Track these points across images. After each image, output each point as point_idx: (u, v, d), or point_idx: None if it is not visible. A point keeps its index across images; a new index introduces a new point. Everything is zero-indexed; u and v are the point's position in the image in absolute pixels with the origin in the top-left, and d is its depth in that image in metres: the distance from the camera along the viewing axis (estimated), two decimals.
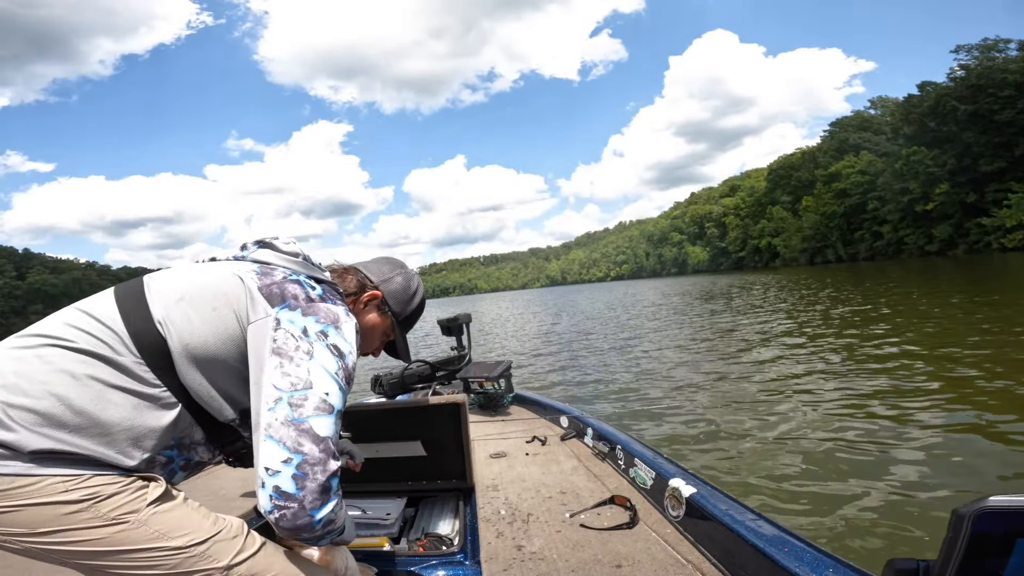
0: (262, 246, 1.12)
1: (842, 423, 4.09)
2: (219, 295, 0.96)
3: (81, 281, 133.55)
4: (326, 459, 0.88)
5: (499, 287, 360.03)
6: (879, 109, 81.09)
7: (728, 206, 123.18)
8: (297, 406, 0.88)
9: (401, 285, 1.26)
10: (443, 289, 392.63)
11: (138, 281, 1.00)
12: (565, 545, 1.40)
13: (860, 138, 74.42)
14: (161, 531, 0.85)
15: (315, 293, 1.03)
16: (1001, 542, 0.57)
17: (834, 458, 3.42)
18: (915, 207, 54.77)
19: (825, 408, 4.53)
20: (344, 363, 0.96)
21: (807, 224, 77.01)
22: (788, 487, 3.09)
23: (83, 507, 0.81)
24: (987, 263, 28.35)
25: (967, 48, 50.49)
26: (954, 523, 0.59)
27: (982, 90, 46.44)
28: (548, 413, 2.71)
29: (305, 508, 0.86)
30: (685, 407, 5.12)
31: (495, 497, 1.76)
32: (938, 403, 4.28)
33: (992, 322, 7.81)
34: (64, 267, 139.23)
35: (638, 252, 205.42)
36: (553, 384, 7.28)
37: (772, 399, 5.03)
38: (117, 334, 0.90)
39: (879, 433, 3.79)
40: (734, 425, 4.37)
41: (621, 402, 5.71)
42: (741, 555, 1.16)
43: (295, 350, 0.92)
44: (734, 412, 4.75)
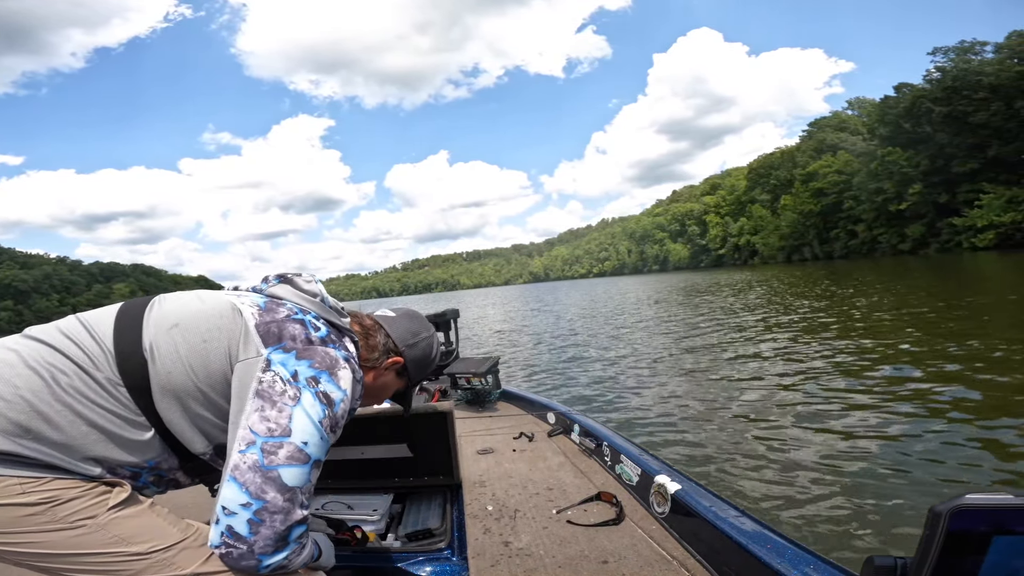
0: (283, 281, 1.09)
1: (824, 421, 4.16)
2: (213, 328, 0.94)
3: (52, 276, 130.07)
4: (290, 508, 0.86)
5: (482, 283, 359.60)
6: (856, 110, 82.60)
7: (709, 204, 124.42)
8: (269, 453, 0.86)
9: (423, 352, 1.22)
10: (425, 285, 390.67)
11: (145, 300, 0.99)
12: (552, 541, 1.41)
13: (838, 138, 75.70)
14: (121, 536, 0.84)
15: (317, 335, 0.99)
16: (978, 540, 0.58)
17: (816, 456, 3.47)
18: (889, 207, 55.85)
19: (807, 406, 4.60)
20: (332, 412, 0.93)
21: (785, 223, 78.23)
22: (771, 484, 3.14)
23: (39, 510, 0.80)
24: (957, 262, 29.07)
25: (944, 50, 51.25)
26: (931, 521, 0.59)
27: (957, 92, 47.19)
28: (535, 409, 2.73)
29: (254, 552, 0.84)
30: (671, 404, 5.18)
31: (482, 493, 1.77)
32: (918, 402, 4.36)
33: (973, 320, 8.01)
34: (34, 262, 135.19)
35: (620, 249, 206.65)
36: (540, 380, 7.30)
37: (756, 397, 5.10)
38: (104, 351, 0.89)
39: (859, 431, 3.85)
40: (718, 422, 4.43)
41: (608, 399, 5.75)
42: (725, 551, 1.19)
43: (280, 395, 0.89)
44: (718, 409, 4.82)
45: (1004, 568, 0.58)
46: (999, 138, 44.50)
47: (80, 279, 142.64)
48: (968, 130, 46.49)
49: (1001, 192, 43.12)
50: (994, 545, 0.57)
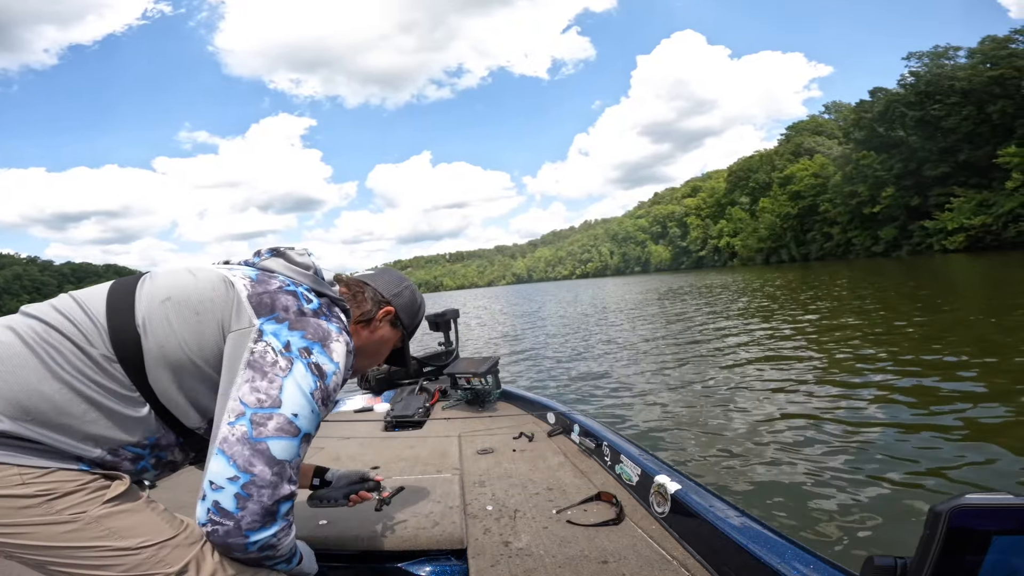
0: (275, 254, 1.09)
1: (824, 421, 4.15)
2: (205, 300, 0.93)
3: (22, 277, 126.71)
4: (278, 483, 0.85)
5: (465, 284, 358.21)
6: (833, 114, 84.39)
7: (690, 206, 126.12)
8: (259, 424, 0.85)
9: (409, 299, 1.27)
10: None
11: (136, 277, 0.98)
12: (552, 541, 1.41)
13: (814, 142, 77.37)
14: (112, 530, 0.82)
15: (309, 307, 0.99)
16: (978, 540, 0.58)
17: (815, 456, 3.48)
18: (863, 210, 57.06)
19: (807, 406, 4.60)
20: (324, 384, 0.93)
21: (763, 225, 79.63)
22: (771, 484, 3.14)
23: (36, 503, 0.79)
24: (929, 264, 29.73)
25: (918, 55, 52.34)
26: (931, 521, 0.59)
27: (930, 96, 48.22)
28: (535, 409, 2.73)
29: (240, 528, 0.83)
30: (670, 404, 5.18)
31: (482, 493, 1.77)
32: (919, 402, 4.35)
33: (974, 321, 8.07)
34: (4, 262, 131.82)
35: (603, 251, 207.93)
36: (539, 380, 7.27)
37: (756, 398, 5.10)
38: (97, 327, 0.88)
39: (860, 431, 3.85)
40: (718, 422, 4.43)
41: (607, 399, 5.74)
42: (725, 551, 1.20)
43: (271, 365, 0.89)
44: (718, 409, 4.82)
45: (1004, 568, 0.58)
46: (970, 142, 45.71)
47: (51, 279, 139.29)
48: (940, 134, 47.64)
49: (971, 196, 44.37)
50: (994, 545, 0.57)
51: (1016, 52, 43.24)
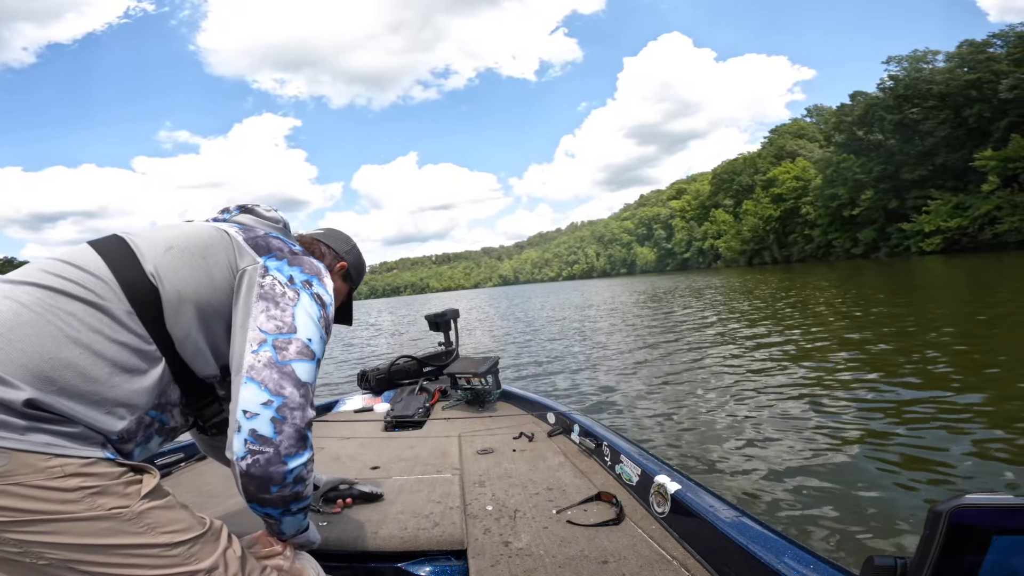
0: (244, 211, 1.16)
1: (825, 422, 4.16)
2: (207, 246, 0.97)
3: None
4: (305, 404, 0.88)
5: (451, 286, 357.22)
6: (814, 117, 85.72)
7: (675, 208, 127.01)
8: (281, 349, 0.89)
9: (357, 256, 1.36)
10: (394, 288, 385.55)
11: (114, 236, 0.97)
12: (552, 541, 1.41)
13: (796, 145, 78.52)
14: (151, 526, 0.79)
15: (297, 248, 1.09)
16: (978, 539, 0.58)
17: (816, 456, 3.49)
18: (843, 212, 57.86)
19: (808, 407, 4.62)
20: (325, 312, 1.00)
21: (747, 227, 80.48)
22: (771, 484, 3.15)
23: (78, 496, 0.74)
24: (907, 265, 30.20)
25: (897, 59, 52.97)
26: (931, 521, 0.59)
27: (908, 100, 48.94)
28: (535, 409, 2.74)
29: (280, 454, 0.84)
30: (670, 404, 5.19)
31: (482, 493, 1.77)
32: (919, 402, 4.37)
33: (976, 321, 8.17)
34: None
35: (589, 253, 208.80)
36: (538, 380, 7.26)
37: (757, 398, 5.12)
38: (107, 284, 0.86)
39: (860, 431, 3.86)
40: (718, 422, 4.44)
41: (607, 399, 5.74)
42: (725, 552, 1.20)
43: (281, 296, 0.94)
44: (719, 410, 4.83)
45: (1004, 568, 0.58)
46: (947, 146, 46.52)
47: None
48: (918, 138, 48.47)
49: (948, 198, 45.17)
50: (994, 545, 0.58)
51: (993, 56, 44.04)
